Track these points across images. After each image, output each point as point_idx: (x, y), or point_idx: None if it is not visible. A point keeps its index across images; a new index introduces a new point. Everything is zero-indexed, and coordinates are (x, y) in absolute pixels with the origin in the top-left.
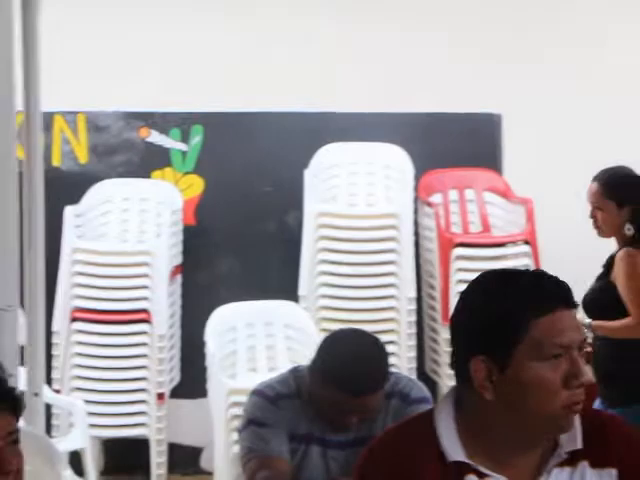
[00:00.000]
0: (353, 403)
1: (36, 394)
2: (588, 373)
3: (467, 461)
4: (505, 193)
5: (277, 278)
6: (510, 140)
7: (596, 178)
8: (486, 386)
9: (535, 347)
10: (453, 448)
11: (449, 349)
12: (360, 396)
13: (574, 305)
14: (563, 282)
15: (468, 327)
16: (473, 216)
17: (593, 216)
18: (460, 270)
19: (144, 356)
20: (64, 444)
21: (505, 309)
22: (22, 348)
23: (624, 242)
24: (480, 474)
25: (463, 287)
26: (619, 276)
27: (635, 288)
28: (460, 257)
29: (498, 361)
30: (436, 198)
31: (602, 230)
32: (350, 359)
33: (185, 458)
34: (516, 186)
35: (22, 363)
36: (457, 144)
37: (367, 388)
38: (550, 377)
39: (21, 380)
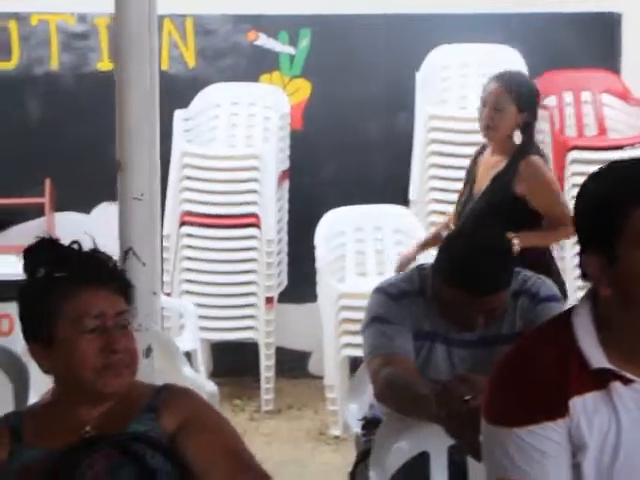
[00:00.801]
0: (478, 303)
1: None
2: None
3: (611, 367)
4: (623, 95)
5: (386, 182)
6: (630, 41)
7: (498, 79)
8: (601, 282)
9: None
10: (595, 354)
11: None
12: (485, 296)
13: None
14: None
15: (578, 220)
16: (589, 119)
17: (489, 117)
18: (575, 174)
19: (253, 260)
20: None
21: (603, 194)
22: None
23: (508, 149)
24: (625, 380)
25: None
26: (541, 184)
27: (559, 191)
28: (575, 161)
29: (606, 253)
30: (550, 101)
31: (495, 132)
32: (475, 258)
33: (293, 362)
34: (635, 88)
35: None
36: (574, 45)
37: (492, 287)
38: None
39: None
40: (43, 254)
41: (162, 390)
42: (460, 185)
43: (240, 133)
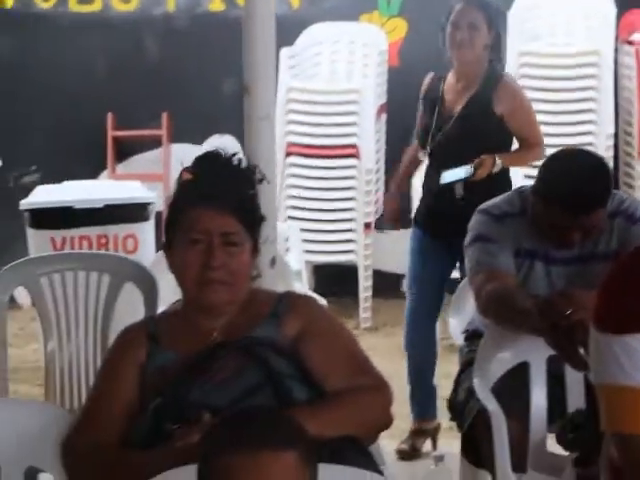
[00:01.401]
0: (576, 221)
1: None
2: None
3: None
4: None
5: None
6: None
7: (466, 0)
8: None
9: None
10: None
11: None
12: (583, 214)
13: None
14: None
15: None
16: None
17: (465, 36)
18: None
19: (352, 188)
20: None
21: None
22: None
23: (477, 71)
24: None
25: None
26: (520, 104)
27: (533, 111)
28: None
29: None
30: (637, 37)
31: (471, 50)
32: (573, 177)
33: (387, 284)
34: None
35: None
36: None
37: (590, 206)
38: None
39: None
40: (195, 164)
41: (284, 298)
42: (549, 117)
43: (341, 69)
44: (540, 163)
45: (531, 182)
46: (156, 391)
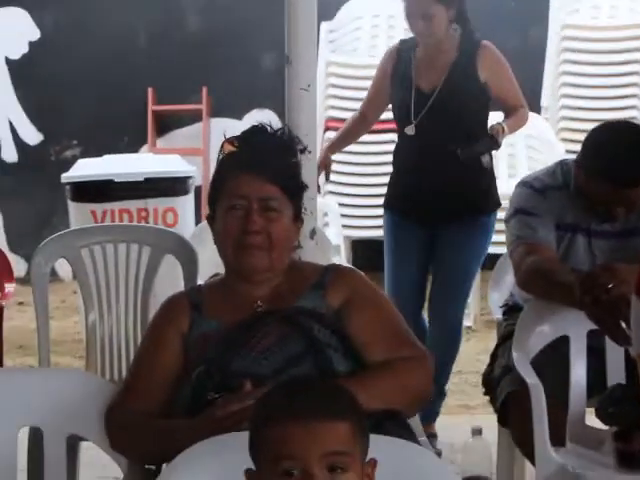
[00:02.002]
0: (620, 194)
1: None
2: None
3: None
4: None
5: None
6: None
7: None
8: None
9: None
10: None
11: None
12: (627, 187)
13: None
14: None
15: None
16: None
17: (422, 28)
18: None
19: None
20: None
21: None
22: None
23: (450, 42)
24: None
25: None
26: (502, 69)
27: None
28: None
29: None
30: None
31: (434, 38)
32: (618, 150)
33: None
34: None
35: None
36: None
37: (635, 179)
38: None
39: None
40: (240, 135)
41: (329, 269)
42: (591, 91)
43: (381, 43)
44: (584, 136)
45: (572, 156)
46: (199, 360)
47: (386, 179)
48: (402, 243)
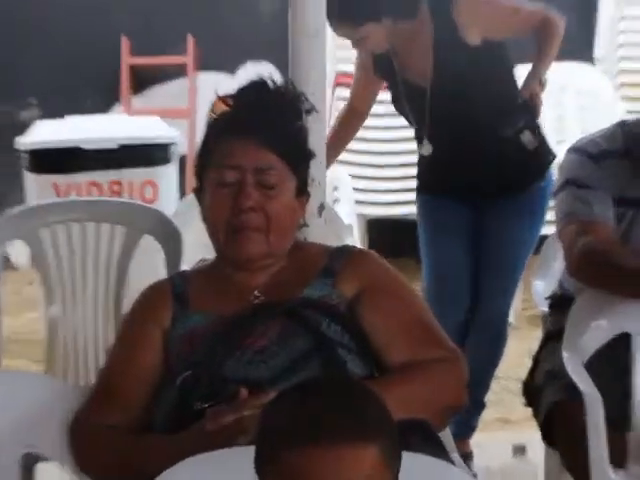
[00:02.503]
0: None
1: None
2: None
3: None
4: None
5: (568, 38)
6: None
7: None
8: None
9: None
10: None
11: None
12: None
13: None
14: None
15: None
16: None
17: (362, 49)
18: None
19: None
20: None
21: None
22: None
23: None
24: None
25: None
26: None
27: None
28: None
29: None
30: None
31: (380, 49)
32: None
33: None
34: None
35: None
36: None
37: None
38: None
39: None
40: (235, 93)
41: (341, 252)
42: None
43: None
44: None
45: (635, 116)
46: (184, 362)
47: (406, 145)
48: (445, 224)
